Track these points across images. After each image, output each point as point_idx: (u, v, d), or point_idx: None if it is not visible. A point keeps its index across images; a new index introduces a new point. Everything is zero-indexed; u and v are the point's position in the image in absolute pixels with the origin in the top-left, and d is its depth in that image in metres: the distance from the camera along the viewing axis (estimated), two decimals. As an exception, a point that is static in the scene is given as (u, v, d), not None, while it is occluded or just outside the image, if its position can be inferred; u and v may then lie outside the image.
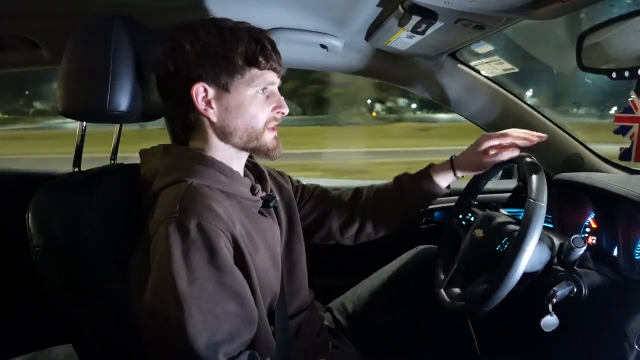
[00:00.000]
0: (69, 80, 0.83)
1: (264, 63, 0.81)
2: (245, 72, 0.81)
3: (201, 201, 0.74)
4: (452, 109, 1.40)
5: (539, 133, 0.97)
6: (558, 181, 1.13)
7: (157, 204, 0.78)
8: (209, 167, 0.81)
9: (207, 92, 0.81)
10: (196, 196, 0.75)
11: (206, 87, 0.81)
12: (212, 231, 0.71)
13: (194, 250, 0.70)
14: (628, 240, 0.91)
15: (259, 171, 0.99)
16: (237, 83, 0.81)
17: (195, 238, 0.70)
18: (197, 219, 0.71)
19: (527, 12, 0.82)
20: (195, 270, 0.69)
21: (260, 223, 0.87)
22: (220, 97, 0.82)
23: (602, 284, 0.88)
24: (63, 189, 0.82)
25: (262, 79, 0.82)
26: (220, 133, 0.84)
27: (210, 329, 0.69)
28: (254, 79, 0.82)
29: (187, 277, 0.69)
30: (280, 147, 0.88)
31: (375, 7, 0.92)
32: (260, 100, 0.84)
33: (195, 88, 0.80)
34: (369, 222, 1.11)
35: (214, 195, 0.78)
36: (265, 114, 0.84)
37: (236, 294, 0.73)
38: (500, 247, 0.91)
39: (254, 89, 0.82)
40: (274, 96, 0.86)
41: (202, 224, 0.71)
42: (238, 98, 0.82)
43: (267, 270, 0.85)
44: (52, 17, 1.01)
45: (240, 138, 0.84)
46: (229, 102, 0.82)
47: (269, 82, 0.84)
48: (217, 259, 0.71)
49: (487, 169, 1.03)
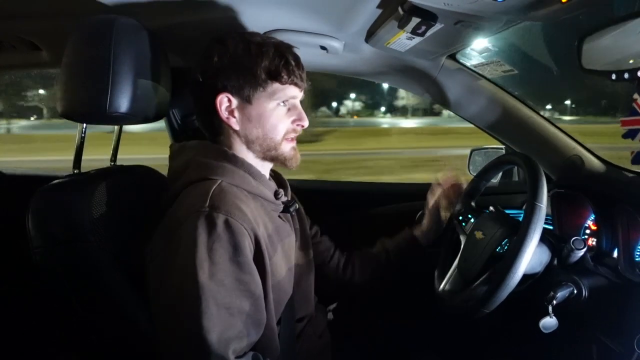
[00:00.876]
0: (69, 81, 0.83)
1: (286, 78, 0.85)
2: (268, 85, 0.84)
3: (230, 200, 0.77)
4: (451, 110, 1.40)
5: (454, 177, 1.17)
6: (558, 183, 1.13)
7: (184, 198, 0.80)
8: (239, 168, 0.84)
9: (231, 102, 0.84)
10: (226, 195, 0.77)
11: (230, 98, 0.84)
12: (238, 229, 0.74)
13: (219, 245, 0.72)
14: (628, 242, 0.91)
15: (280, 179, 1.02)
16: (259, 95, 0.84)
17: (222, 233, 0.72)
18: (225, 215, 0.73)
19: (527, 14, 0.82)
20: (217, 264, 0.71)
21: (280, 227, 0.90)
22: (243, 108, 0.85)
23: (602, 285, 0.88)
24: (63, 190, 0.82)
25: (283, 92, 0.85)
26: (243, 140, 0.87)
27: (223, 325, 0.70)
28: (275, 93, 0.85)
29: (208, 270, 0.70)
30: (297, 158, 0.92)
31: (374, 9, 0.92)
32: (281, 112, 0.87)
33: (220, 98, 0.84)
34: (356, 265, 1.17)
35: (242, 195, 0.81)
36: (285, 126, 0.88)
37: (252, 293, 0.75)
38: (500, 248, 0.91)
39: (275, 102, 0.86)
40: (295, 109, 0.89)
41: (230, 221, 0.73)
42: (259, 109, 0.85)
43: (281, 274, 0.86)
44: (52, 18, 1.01)
45: (260, 146, 0.87)
46: (251, 113, 0.85)
47: (290, 96, 0.87)
48: (239, 257, 0.73)
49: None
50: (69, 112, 0.84)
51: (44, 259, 0.78)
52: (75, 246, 0.78)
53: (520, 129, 1.33)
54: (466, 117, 1.41)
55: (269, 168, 0.94)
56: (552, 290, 0.85)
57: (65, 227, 0.78)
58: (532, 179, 0.85)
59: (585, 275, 0.88)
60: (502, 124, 1.35)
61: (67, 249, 0.78)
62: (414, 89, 1.39)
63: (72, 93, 0.83)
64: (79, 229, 0.78)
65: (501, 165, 1.09)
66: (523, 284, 0.84)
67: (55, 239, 0.77)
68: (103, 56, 0.80)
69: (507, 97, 1.33)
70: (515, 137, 1.38)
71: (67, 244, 0.78)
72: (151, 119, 0.95)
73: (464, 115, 1.40)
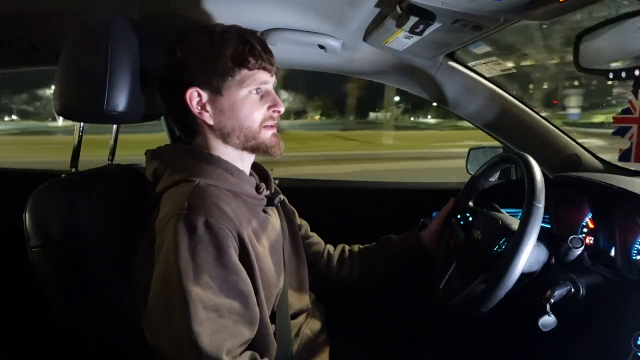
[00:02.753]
0: (66, 80, 0.83)
1: (253, 63, 0.82)
2: (235, 73, 0.81)
3: (209, 200, 0.75)
4: (450, 109, 1.41)
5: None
6: (556, 181, 1.13)
7: (163, 202, 0.79)
8: (216, 167, 0.82)
9: (201, 96, 0.82)
10: (204, 195, 0.76)
11: (199, 92, 0.82)
12: (219, 229, 0.72)
13: (201, 247, 0.71)
14: (625, 240, 0.91)
15: (262, 171, 1.00)
16: (228, 85, 0.82)
17: (202, 235, 0.71)
18: (205, 216, 0.72)
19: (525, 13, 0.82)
20: (201, 267, 0.70)
21: (265, 222, 0.88)
22: (214, 100, 0.83)
23: (599, 284, 0.88)
24: (60, 189, 0.82)
25: (253, 79, 0.83)
26: (219, 135, 0.85)
27: (214, 327, 0.69)
28: (244, 80, 0.82)
29: (193, 273, 0.69)
30: (280, 145, 0.89)
31: (373, 8, 0.93)
32: (254, 100, 0.84)
33: (189, 93, 0.81)
34: (353, 269, 1.15)
35: (221, 194, 0.79)
36: (260, 114, 0.85)
37: (240, 292, 0.74)
38: (498, 247, 0.91)
39: (246, 89, 0.83)
40: (269, 95, 0.86)
41: (210, 222, 0.72)
42: (230, 99, 0.83)
43: (270, 269, 0.85)
44: (50, 17, 1.01)
45: (237, 138, 0.85)
46: (223, 104, 0.83)
47: (262, 82, 0.84)
48: (223, 257, 0.72)
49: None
50: (66, 111, 0.84)
51: (41, 258, 0.78)
52: (73, 246, 0.78)
53: (518, 127, 1.34)
54: (464, 115, 1.41)
55: (250, 162, 0.92)
56: (550, 289, 0.85)
57: (63, 226, 0.77)
58: (529, 178, 0.85)
59: (583, 273, 0.89)
60: (500, 123, 1.36)
61: (64, 248, 0.78)
62: (412, 88, 1.39)
63: (70, 92, 0.83)
64: (76, 228, 0.78)
65: (499, 164, 1.09)
66: (521, 282, 0.85)
67: (53, 239, 0.77)
68: (101, 55, 0.80)
69: (505, 95, 1.33)
70: (514, 136, 1.38)
71: (64, 243, 0.77)
72: (149, 118, 0.95)
73: (462, 113, 1.41)
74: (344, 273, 1.15)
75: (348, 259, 1.16)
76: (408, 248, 1.15)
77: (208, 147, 0.86)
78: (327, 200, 1.53)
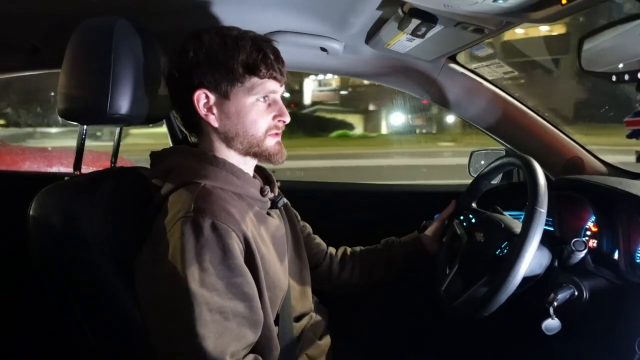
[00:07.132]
0: (69, 83, 0.83)
1: (265, 72, 0.82)
2: (245, 80, 0.81)
3: (215, 202, 0.75)
4: (452, 111, 1.41)
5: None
6: (558, 184, 1.12)
7: (168, 204, 0.79)
8: (221, 169, 0.82)
9: (209, 99, 0.82)
10: (210, 197, 0.76)
11: (207, 94, 0.82)
12: (225, 231, 0.72)
13: (207, 249, 0.71)
14: (629, 243, 0.91)
15: (266, 174, 1.00)
16: (236, 90, 0.82)
17: (209, 237, 0.71)
18: (211, 218, 0.72)
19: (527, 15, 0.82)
20: (207, 269, 0.70)
21: (270, 225, 0.89)
22: (221, 104, 0.82)
23: (603, 287, 0.88)
24: (63, 191, 0.82)
25: (262, 87, 0.83)
26: (222, 138, 0.85)
27: (219, 330, 0.69)
28: (254, 87, 0.82)
29: (199, 276, 0.69)
30: (283, 153, 0.89)
31: (375, 11, 0.93)
32: (261, 108, 0.84)
33: (197, 94, 0.81)
34: (354, 271, 1.15)
35: (227, 197, 0.79)
36: (265, 122, 0.85)
37: (245, 295, 0.74)
38: (500, 251, 0.91)
39: (254, 97, 0.83)
40: (276, 104, 0.86)
41: (216, 224, 0.72)
42: (237, 105, 0.82)
43: (275, 272, 0.85)
44: (52, 19, 1.01)
45: (241, 143, 0.85)
46: (229, 109, 0.83)
47: (270, 91, 0.84)
48: (229, 259, 0.72)
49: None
50: (69, 113, 0.84)
51: (44, 260, 0.78)
52: (75, 248, 0.78)
53: (520, 130, 1.33)
54: (466, 118, 1.41)
55: (253, 165, 0.92)
56: (553, 292, 0.85)
57: (66, 228, 0.78)
58: (532, 182, 0.85)
59: (586, 276, 0.88)
60: (502, 126, 1.35)
61: (67, 250, 0.78)
62: (414, 91, 1.39)
63: (73, 94, 0.83)
64: (79, 230, 0.78)
65: (502, 167, 1.09)
66: (524, 286, 0.84)
67: (56, 241, 0.77)
68: (103, 58, 0.80)
69: (508, 98, 1.33)
70: (516, 139, 1.37)
71: (67, 245, 0.77)
72: (151, 121, 0.95)
73: (465, 116, 1.40)
74: (345, 275, 1.15)
75: (350, 261, 1.16)
76: (409, 250, 1.15)
77: (212, 149, 0.86)
78: (329, 203, 1.53)
